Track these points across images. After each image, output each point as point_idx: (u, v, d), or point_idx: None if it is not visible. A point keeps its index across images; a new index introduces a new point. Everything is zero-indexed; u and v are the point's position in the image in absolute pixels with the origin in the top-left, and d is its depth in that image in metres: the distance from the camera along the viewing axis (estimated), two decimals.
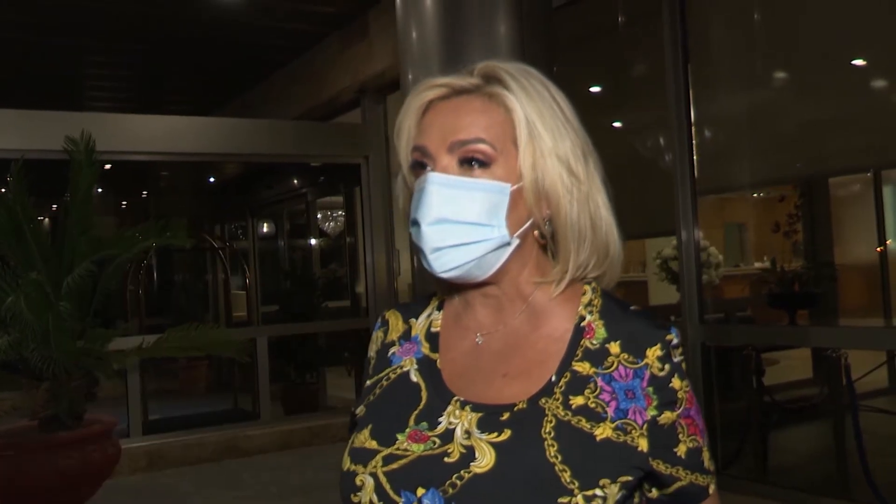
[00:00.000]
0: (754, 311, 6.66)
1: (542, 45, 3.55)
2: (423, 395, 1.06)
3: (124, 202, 11.09)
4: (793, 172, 4.91)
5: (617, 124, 5.56)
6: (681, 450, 0.99)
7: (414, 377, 1.09)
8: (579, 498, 0.92)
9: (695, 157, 4.71)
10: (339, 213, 10.67)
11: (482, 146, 1.00)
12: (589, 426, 0.96)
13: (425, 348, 1.12)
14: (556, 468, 0.93)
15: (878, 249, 7.11)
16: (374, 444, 1.02)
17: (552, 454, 0.94)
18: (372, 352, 1.18)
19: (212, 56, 8.25)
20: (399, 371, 1.11)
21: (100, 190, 8.69)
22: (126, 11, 6.77)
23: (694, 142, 4.72)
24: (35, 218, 4.65)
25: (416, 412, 1.04)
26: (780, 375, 5.92)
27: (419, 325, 1.15)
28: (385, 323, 1.19)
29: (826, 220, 6.63)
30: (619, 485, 0.95)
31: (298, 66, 8.40)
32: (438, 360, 1.09)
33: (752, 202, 10.08)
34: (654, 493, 1.02)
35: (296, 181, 9.68)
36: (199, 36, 7.56)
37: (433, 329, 1.14)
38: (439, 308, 1.15)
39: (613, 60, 5.44)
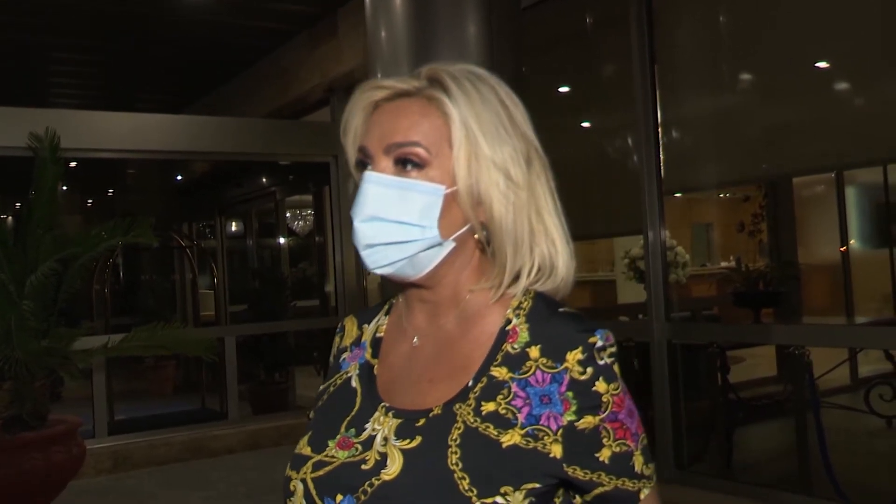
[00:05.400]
0: (720, 310, 6.75)
1: (511, 46, 3.57)
2: (357, 400, 1.08)
3: (90, 200, 10.96)
4: (757, 173, 4.97)
5: (585, 125, 5.60)
6: (604, 454, 0.97)
7: (354, 383, 1.11)
8: None
9: (661, 158, 4.76)
10: (308, 211, 10.63)
11: (416, 149, 1.01)
12: (496, 433, 0.96)
13: (368, 353, 1.14)
14: (456, 475, 0.93)
15: (842, 249, 7.24)
16: (308, 451, 1.05)
17: (453, 461, 0.94)
18: (331, 357, 1.21)
19: (180, 53, 8.18)
20: (344, 377, 1.14)
21: (65, 188, 8.58)
22: (91, 7, 6.69)
23: (661, 142, 4.77)
24: None
25: (348, 418, 1.06)
26: (745, 373, 6.01)
27: (369, 331, 1.17)
28: (342, 329, 1.22)
29: (790, 220, 6.75)
30: (523, 492, 0.94)
31: (267, 64, 8.36)
32: (376, 366, 1.11)
33: (718, 202, 10.21)
34: (578, 499, 1.01)
35: (264, 180, 9.63)
36: (166, 33, 7.50)
37: (378, 334, 1.16)
38: (387, 313, 1.18)
39: (582, 62, 5.47)
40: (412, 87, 1.05)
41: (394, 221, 1.01)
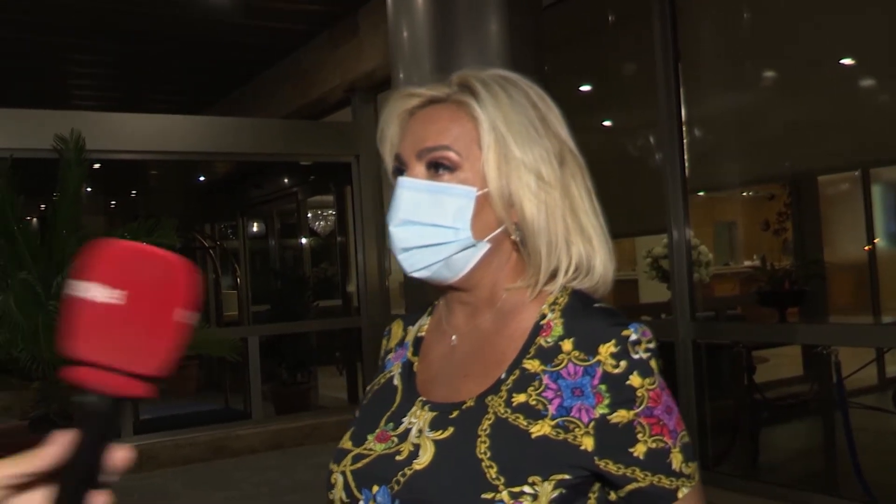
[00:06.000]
0: (744, 310, 6.70)
1: (532, 44, 3.55)
2: (398, 397, 1.11)
3: (113, 202, 11.05)
4: (782, 171, 4.93)
5: (607, 123, 5.57)
6: (638, 450, 0.96)
7: (396, 381, 1.14)
8: (504, 494, 0.92)
9: (685, 156, 4.72)
10: (330, 212, 10.66)
11: (447, 152, 1.04)
12: (525, 423, 0.96)
13: (409, 353, 1.17)
14: (483, 464, 0.94)
15: (867, 248, 7.15)
16: (349, 445, 1.08)
17: (482, 451, 0.95)
18: (379, 359, 1.25)
19: (200, 54, 8.22)
20: (388, 376, 1.17)
21: (89, 189, 8.66)
22: (111, 8, 6.73)
23: (684, 141, 4.74)
24: (24, 217, 4.64)
25: (388, 414, 1.09)
26: (770, 373, 5.95)
27: (412, 332, 1.21)
28: (388, 332, 1.26)
29: (815, 218, 6.67)
30: (552, 483, 0.94)
31: (288, 64, 8.39)
32: (416, 364, 1.15)
33: (742, 201, 10.12)
34: (613, 495, 1.00)
35: (286, 180, 9.67)
36: (187, 34, 7.54)
37: (420, 334, 1.19)
38: (430, 314, 1.21)
39: (604, 60, 5.44)
40: (443, 94, 1.08)
41: (427, 224, 1.04)
